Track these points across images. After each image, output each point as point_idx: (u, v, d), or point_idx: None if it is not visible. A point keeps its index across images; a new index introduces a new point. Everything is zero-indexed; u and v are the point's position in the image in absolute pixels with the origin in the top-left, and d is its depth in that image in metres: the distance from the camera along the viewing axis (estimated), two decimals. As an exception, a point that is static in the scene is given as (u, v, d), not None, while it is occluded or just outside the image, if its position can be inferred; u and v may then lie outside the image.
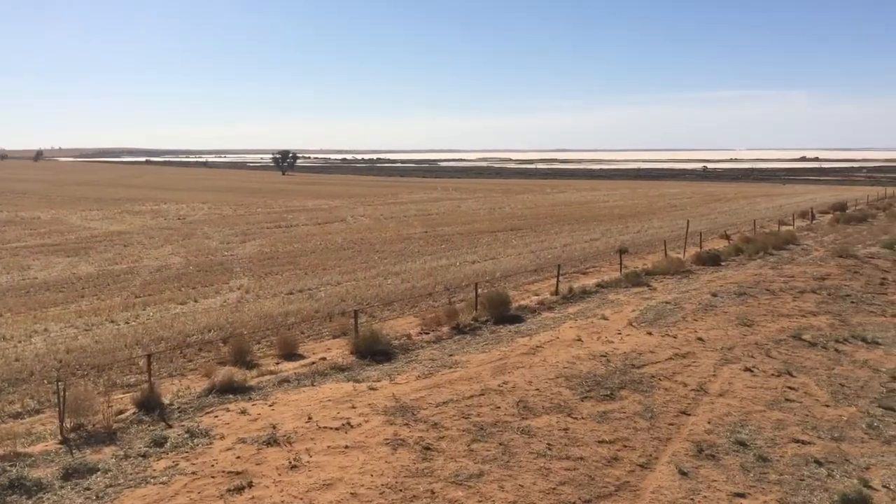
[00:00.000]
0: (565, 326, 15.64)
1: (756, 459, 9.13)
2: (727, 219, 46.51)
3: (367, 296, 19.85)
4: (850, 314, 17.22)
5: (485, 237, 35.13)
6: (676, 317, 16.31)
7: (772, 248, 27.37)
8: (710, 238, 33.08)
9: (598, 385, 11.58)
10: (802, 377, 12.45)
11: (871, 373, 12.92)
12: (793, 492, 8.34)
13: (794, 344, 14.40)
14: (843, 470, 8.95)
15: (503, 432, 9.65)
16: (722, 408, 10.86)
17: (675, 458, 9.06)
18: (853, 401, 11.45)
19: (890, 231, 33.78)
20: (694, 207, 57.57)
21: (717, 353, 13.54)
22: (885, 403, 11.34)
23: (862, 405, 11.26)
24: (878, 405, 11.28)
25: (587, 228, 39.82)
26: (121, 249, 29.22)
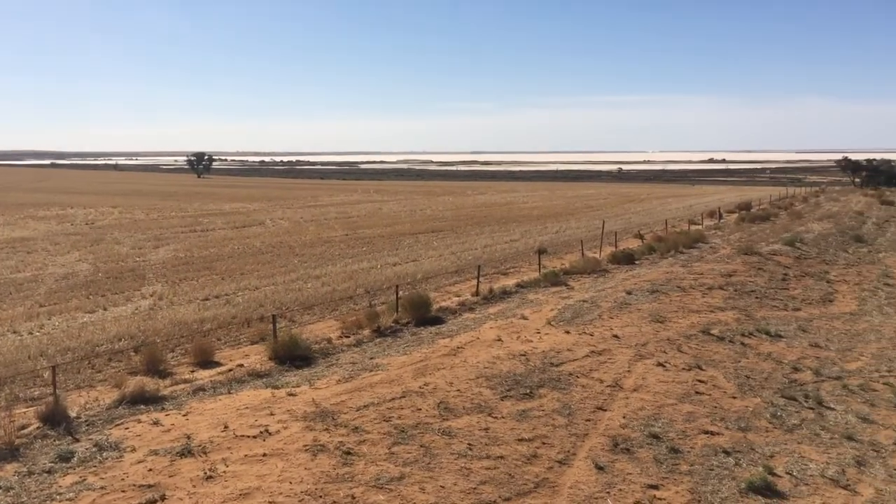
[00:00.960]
0: (486, 327, 15.79)
1: (668, 451, 9.43)
2: (641, 219, 47.93)
3: (286, 300, 19.53)
4: (755, 309, 18.02)
5: (406, 239, 35.11)
6: (593, 315, 16.69)
7: (682, 247, 28.35)
8: (624, 237, 34.02)
9: (517, 384, 11.73)
10: (711, 370, 12.95)
11: (774, 365, 13.56)
12: (703, 481, 8.66)
13: (704, 339, 14.96)
14: (750, 458, 9.35)
15: (424, 434, 9.65)
16: (636, 402, 11.18)
17: (591, 454, 9.27)
18: (758, 392, 11.98)
19: (791, 229, 35.51)
20: (610, 208, 59.08)
21: (631, 350, 13.92)
22: (788, 394, 11.92)
23: (766, 396, 11.80)
24: (781, 395, 11.84)
25: (507, 229, 40.32)
26: (24, 256, 27.82)
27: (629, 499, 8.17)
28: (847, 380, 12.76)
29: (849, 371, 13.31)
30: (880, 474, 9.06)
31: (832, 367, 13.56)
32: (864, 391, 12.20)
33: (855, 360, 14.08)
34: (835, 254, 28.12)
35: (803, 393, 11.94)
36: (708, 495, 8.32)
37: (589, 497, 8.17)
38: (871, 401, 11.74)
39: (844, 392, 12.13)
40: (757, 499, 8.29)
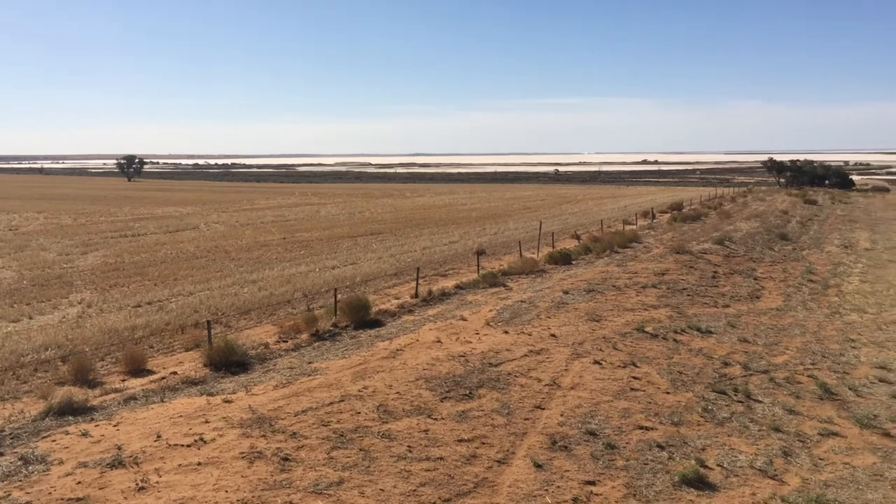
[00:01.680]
0: (425, 329, 15.80)
1: (605, 447, 9.61)
2: (577, 219, 48.70)
3: (222, 305, 19.16)
4: (687, 306, 18.51)
5: (345, 242, 34.86)
6: (531, 315, 16.87)
7: (617, 247, 28.92)
8: (562, 238, 34.50)
9: (457, 385, 11.77)
10: (645, 367, 13.24)
11: (705, 360, 13.95)
12: (638, 476, 8.85)
13: (638, 336, 15.29)
14: (682, 452, 9.60)
15: (364, 438, 9.60)
16: (574, 400, 11.35)
17: (530, 452, 9.37)
18: (690, 387, 12.31)
19: (720, 228, 36.60)
20: (547, 209, 59.84)
21: (568, 349, 14.12)
22: (718, 388, 12.28)
23: (698, 391, 12.13)
24: (712, 390, 12.19)
25: (446, 231, 40.43)
26: (-59, 264, 26.59)
27: (567, 495, 8.29)
28: (774, 373, 13.22)
29: (775, 365, 13.78)
30: (806, 464, 9.41)
31: (760, 361, 14.02)
32: (790, 384, 12.65)
33: (781, 353, 14.59)
34: (762, 252, 29.11)
35: (733, 387, 12.31)
36: (643, 489, 8.51)
37: (528, 495, 8.25)
38: (797, 393, 12.19)
39: (771, 385, 12.56)
40: (689, 491, 8.51)
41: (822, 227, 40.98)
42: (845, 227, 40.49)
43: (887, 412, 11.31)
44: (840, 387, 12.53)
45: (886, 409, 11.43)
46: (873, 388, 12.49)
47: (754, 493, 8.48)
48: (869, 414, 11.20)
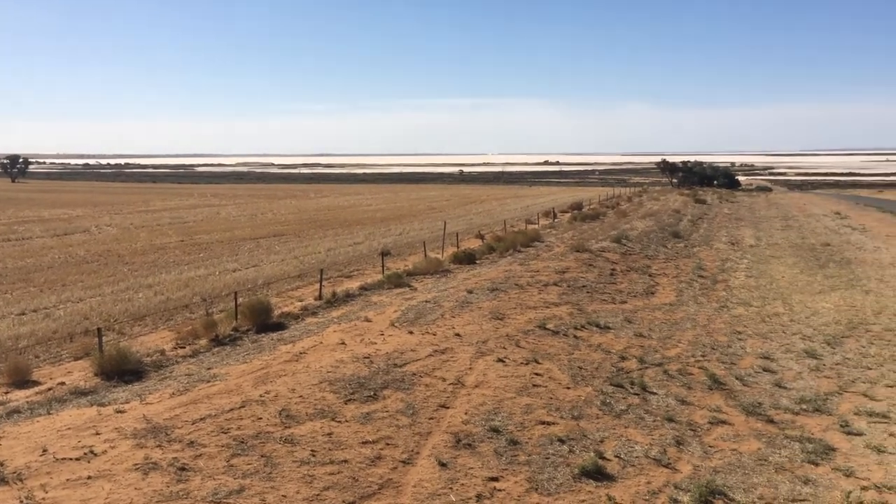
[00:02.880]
0: (329, 331, 15.62)
1: (508, 443, 9.75)
2: (481, 219, 49.34)
3: (114, 312, 18.35)
4: (586, 303, 19.05)
5: (247, 244, 34.06)
6: (436, 315, 16.95)
7: (520, 246, 29.47)
8: (466, 238, 34.87)
9: (361, 387, 11.69)
10: (547, 363, 13.53)
11: (603, 355, 14.38)
12: (540, 470, 9.03)
13: (540, 333, 15.61)
14: (582, 445, 9.86)
15: (265, 443, 9.39)
16: (478, 398, 11.47)
17: (435, 451, 9.41)
18: (589, 381, 12.66)
19: (618, 227, 37.89)
20: (452, 209, 60.36)
21: (473, 347, 14.27)
22: (616, 381, 12.68)
23: (597, 385, 12.49)
24: (610, 383, 12.57)
25: (351, 232, 40.14)
26: None
27: (471, 492, 8.37)
28: (667, 366, 13.76)
29: (669, 357, 14.36)
30: (697, 452, 9.84)
31: (654, 354, 14.57)
32: (682, 375, 13.20)
33: (674, 347, 15.21)
34: (656, 249, 30.30)
35: (629, 380, 12.74)
36: (544, 483, 8.69)
37: (432, 494, 8.28)
38: (688, 384, 12.73)
39: (665, 377, 13.07)
40: (589, 483, 8.75)
41: (711, 225, 43.04)
42: (732, 225, 42.68)
43: (770, 400, 11.98)
44: (728, 377, 13.17)
45: (770, 397, 12.10)
46: (758, 378, 13.19)
47: (649, 482, 8.81)
48: (754, 402, 11.81)
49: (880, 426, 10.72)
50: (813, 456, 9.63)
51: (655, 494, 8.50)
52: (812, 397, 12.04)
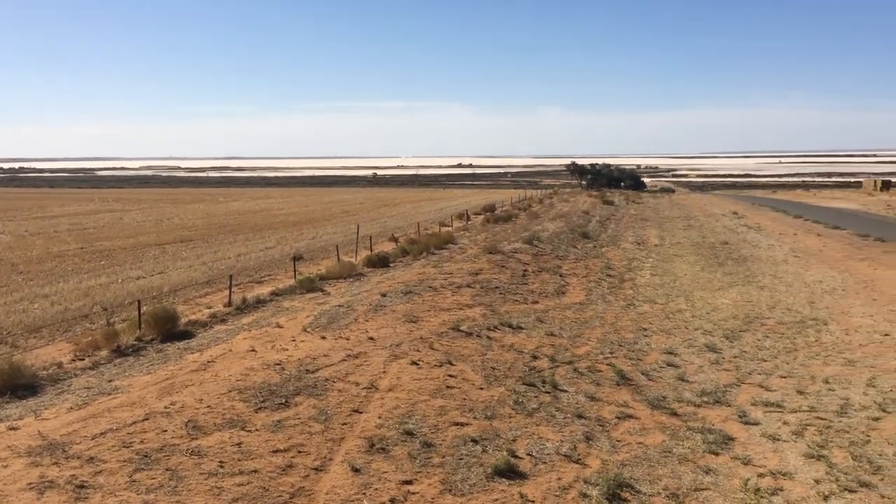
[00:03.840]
0: (239, 338, 15.24)
1: (422, 446, 9.75)
2: (395, 222, 49.28)
3: (7, 324, 17.36)
4: (499, 304, 19.28)
5: (152, 250, 32.89)
6: (349, 319, 16.80)
7: (434, 248, 29.57)
8: (380, 241, 34.75)
9: (272, 394, 11.45)
10: (461, 365, 13.61)
11: (516, 355, 14.58)
12: (453, 471, 9.06)
13: (454, 335, 15.68)
14: (495, 444, 9.96)
15: (170, 457, 9.06)
16: (391, 402, 11.42)
17: (348, 457, 9.31)
18: (502, 381, 12.80)
19: (529, 228, 38.54)
20: (366, 212, 60.03)
21: (386, 351, 14.20)
22: (528, 380, 12.87)
23: (509, 384, 12.64)
24: (522, 383, 12.75)
25: (262, 237, 39.36)
26: None
27: (384, 496, 8.32)
28: (577, 364, 14.07)
29: (578, 356, 14.68)
30: (605, 446, 10.09)
31: (565, 352, 14.87)
32: (591, 372, 13.53)
33: (583, 345, 15.57)
34: (566, 250, 30.98)
35: (541, 379, 12.95)
36: (458, 484, 8.73)
37: (345, 500, 8.19)
38: (597, 381, 13.05)
39: (575, 375, 13.36)
40: (502, 482, 8.84)
41: (618, 225, 44.37)
42: (638, 226, 44.11)
43: (674, 393, 12.42)
44: (634, 373, 13.58)
45: (673, 391, 12.54)
46: (662, 372, 13.66)
47: (560, 478, 8.97)
48: (659, 396, 12.22)
49: (775, 415, 11.27)
50: (713, 446, 10.03)
51: (566, 490, 8.66)
52: (712, 390, 12.55)
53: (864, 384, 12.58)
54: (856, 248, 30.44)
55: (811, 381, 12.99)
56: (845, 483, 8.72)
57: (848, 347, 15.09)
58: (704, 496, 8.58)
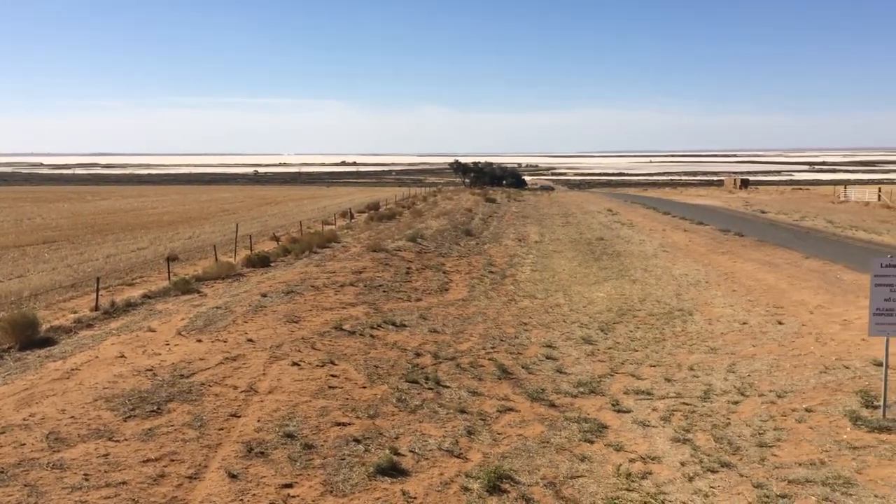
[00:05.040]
0: (107, 343, 14.44)
1: (303, 448, 9.57)
2: (277, 221, 48.22)
3: None
4: (383, 302, 19.22)
5: (10, 252, 30.69)
6: (227, 321, 16.28)
7: (316, 247, 29.14)
8: (260, 240, 33.91)
9: (143, 402, 10.92)
10: (343, 364, 13.47)
11: (399, 352, 14.57)
12: (335, 472, 8.95)
13: (337, 334, 15.50)
14: (378, 443, 9.91)
15: (29, 471, 8.46)
16: (271, 404, 11.15)
17: (225, 463, 9.00)
18: (385, 379, 12.77)
19: (413, 226, 38.68)
20: (246, 211, 58.40)
21: (266, 352, 13.86)
22: (411, 378, 12.89)
23: (393, 382, 12.62)
24: (406, 380, 12.76)
25: (134, 237, 37.54)
26: None
27: (263, 501, 8.10)
28: (460, 359, 14.23)
29: (461, 351, 14.86)
30: (486, 440, 10.25)
31: (448, 349, 15.01)
32: (474, 368, 13.72)
33: (466, 340, 15.77)
34: (449, 247, 31.30)
35: (424, 375, 13.01)
36: (339, 484, 8.62)
37: (222, 508, 7.91)
38: (479, 376, 13.25)
39: (458, 370, 13.51)
40: (384, 480, 8.80)
41: (500, 223, 45.28)
42: (519, 223, 45.19)
43: (552, 385, 12.78)
44: (515, 366, 13.88)
45: (552, 383, 12.91)
46: (541, 365, 14.03)
47: (442, 473, 9.04)
48: (538, 388, 12.54)
49: (645, 402, 11.82)
50: (589, 434, 10.40)
51: (448, 485, 8.73)
52: (588, 380, 13.01)
53: (724, 370, 13.40)
54: (718, 242, 32.41)
55: (678, 368, 13.71)
56: (708, 464, 9.25)
57: (711, 336, 16.03)
58: (580, 483, 8.88)
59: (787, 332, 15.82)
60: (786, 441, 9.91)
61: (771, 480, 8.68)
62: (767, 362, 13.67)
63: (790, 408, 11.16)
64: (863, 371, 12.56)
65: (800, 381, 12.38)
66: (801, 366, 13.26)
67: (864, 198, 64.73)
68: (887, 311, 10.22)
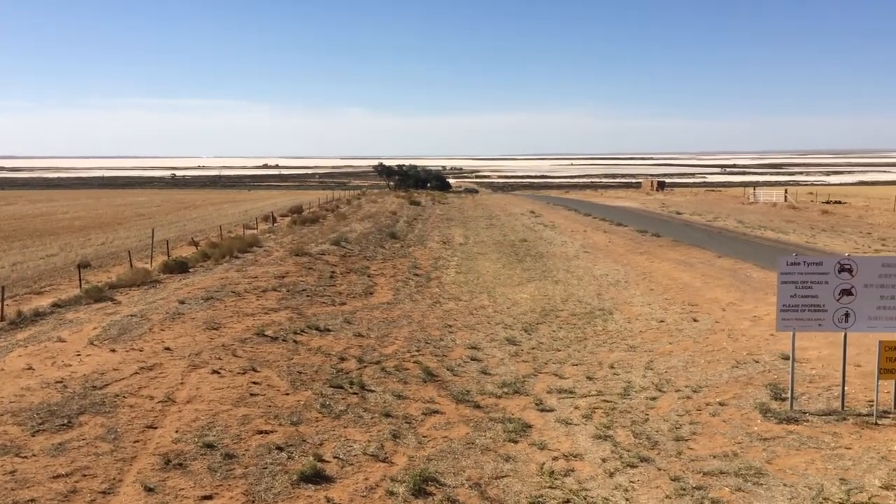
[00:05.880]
0: (13, 356, 13.75)
1: (223, 458, 9.33)
2: (196, 225, 47.00)
3: None
4: (306, 307, 18.96)
5: None
6: (143, 329, 15.74)
7: (237, 252, 28.51)
8: (179, 245, 32.98)
9: (53, 415, 10.45)
10: (266, 371, 13.21)
11: (323, 357, 14.40)
12: (257, 481, 8.76)
13: (259, 341, 15.20)
14: (301, 450, 9.76)
15: (-74, 494, 7.97)
16: (190, 414, 10.84)
17: (140, 476, 8.70)
18: (309, 385, 12.59)
19: (337, 230, 38.33)
20: (163, 215, 56.73)
21: (185, 361, 13.47)
22: (335, 383, 12.75)
23: (316, 388, 12.45)
24: (330, 385, 12.62)
25: (43, 243, 35.91)
26: None
27: (182, 515, 7.86)
28: (385, 363, 14.16)
29: (386, 355, 14.79)
30: (412, 443, 10.23)
31: (373, 353, 14.92)
32: (399, 371, 13.68)
33: (391, 344, 15.71)
34: (374, 250, 31.15)
35: (349, 380, 12.89)
36: (262, 494, 8.45)
37: (138, 524, 7.64)
38: (405, 379, 13.22)
39: (383, 374, 13.44)
40: (308, 487, 8.67)
41: (425, 225, 45.34)
42: (444, 225, 45.36)
43: (477, 386, 12.87)
44: (440, 369, 13.91)
45: (476, 384, 13.00)
46: (466, 367, 14.11)
47: (367, 478, 8.97)
48: (463, 390, 12.60)
49: (567, 401, 12.03)
50: (513, 434, 10.51)
51: (373, 490, 8.67)
52: (512, 381, 13.15)
53: (643, 367, 13.78)
54: (636, 243, 33.33)
55: (599, 367, 14.02)
56: (628, 460, 9.48)
57: (630, 334, 16.46)
58: (504, 483, 8.96)
59: (702, 328, 16.39)
60: (701, 434, 10.25)
61: (687, 473, 8.97)
62: (683, 359, 14.13)
63: (705, 402, 11.56)
64: (772, 365, 13.14)
65: (714, 376, 12.85)
66: (714, 361, 13.76)
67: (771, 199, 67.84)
68: (793, 307, 10.70)
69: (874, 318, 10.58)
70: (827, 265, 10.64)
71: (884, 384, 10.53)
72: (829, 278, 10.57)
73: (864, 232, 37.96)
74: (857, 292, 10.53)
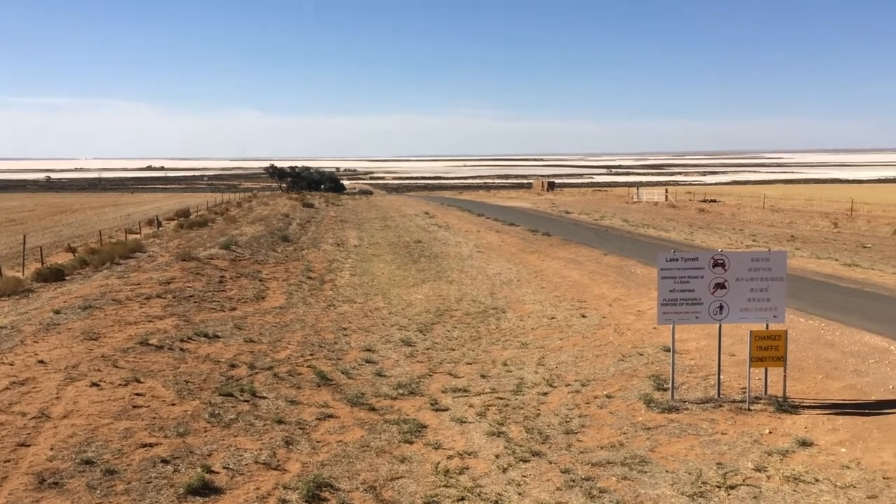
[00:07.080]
0: None
1: (103, 474, 8.87)
2: (73, 231, 44.56)
3: None
4: (194, 313, 18.31)
5: None
6: (14, 342, 14.75)
7: (119, 258, 27.18)
8: (54, 252, 31.14)
9: None
10: (150, 381, 12.66)
11: (212, 365, 13.94)
12: (140, 497, 8.37)
13: (142, 350, 14.55)
14: (188, 462, 9.41)
15: None
16: (67, 430, 10.24)
17: (12, 498, 8.14)
18: (197, 394, 12.16)
19: (227, 233, 37.24)
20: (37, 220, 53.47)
21: (61, 374, 12.72)
22: (225, 391, 12.37)
23: (205, 397, 12.04)
24: (219, 394, 12.22)
25: None
26: None
27: (58, 538, 7.41)
28: (277, 368, 13.87)
29: (279, 360, 14.49)
30: (305, 449, 10.06)
31: (265, 358, 14.57)
32: (292, 376, 13.42)
33: (284, 349, 15.40)
34: (266, 254, 30.45)
35: (239, 387, 12.54)
36: (146, 510, 8.09)
37: (8, 550, 7.14)
38: (298, 384, 12.98)
39: (275, 380, 13.15)
40: (196, 500, 8.37)
41: (318, 227, 44.72)
42: (338, 227, 44.88)
43: (372, 389, 12.80)
44: (335, 372, 13.75)
45: (371, 387, 12.93)
46: (361, 370, 14.01)
47: (259, 487, 8.75)
48: (358, 393, 12.50)
49: (462, 400, 12.16)
50: (408, 435, 10.52)
51: (264, 499, 8.46)
52: (407, 382, 13.16)
53: (535, 364, 14.11)
54: (528, 242, 34.09)
55: (492, 365, 14.24)
56: (520, 455, 9.67)
57: (522, 332, 16.81)
58: (400, 484, 8.95)
59: (590, 324, 16.94)
60: (589, 427, 10.59)
61: (577, 465, 9.24)
62: (573, 354, 14.56)
63: (593, 395, 11.95)
64: (654, 357, 13.73)
65: (601, 370, 13.30)
66: (602, 355, 14.25)
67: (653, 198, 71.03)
68: (672, 301, 11.23)
69: (745, 309, 11.24)
70: (702, 260, 11.21)
71: (755, 372, 11.22)
72: (704, 273, 11.14)
73: (736, 228, 40.35)
74: (730, 286, 11.16)
